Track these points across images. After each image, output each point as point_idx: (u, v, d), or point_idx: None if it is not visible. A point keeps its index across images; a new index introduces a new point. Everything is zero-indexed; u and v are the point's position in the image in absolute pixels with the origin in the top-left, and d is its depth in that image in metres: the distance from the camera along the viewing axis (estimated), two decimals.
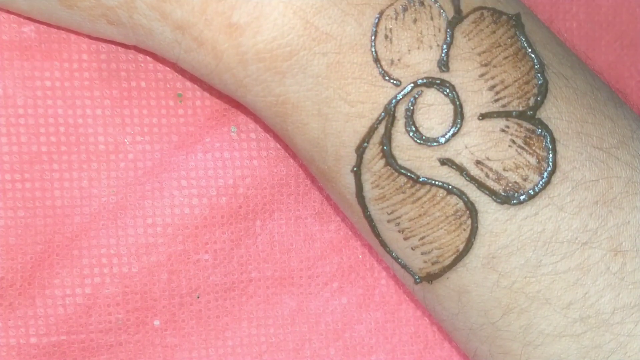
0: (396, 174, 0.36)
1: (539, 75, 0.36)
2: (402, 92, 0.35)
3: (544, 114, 0.36)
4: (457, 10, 0.35)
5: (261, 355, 0.43)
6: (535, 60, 0.36)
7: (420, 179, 0.36)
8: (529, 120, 0.36)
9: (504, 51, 0.36)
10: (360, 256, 0.45)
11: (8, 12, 0.40)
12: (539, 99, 0.36)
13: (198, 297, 0.42)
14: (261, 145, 0.42)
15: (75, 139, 0.41)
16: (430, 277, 0.37)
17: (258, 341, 0.43)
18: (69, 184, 0.41)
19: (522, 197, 0.36)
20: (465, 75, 0.35)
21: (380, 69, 0.35)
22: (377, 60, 0.35)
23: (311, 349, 0.44)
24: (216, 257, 0.42)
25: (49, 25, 0.40)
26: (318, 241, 0.44)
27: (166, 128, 0.42)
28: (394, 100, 0.35)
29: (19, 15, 0.40)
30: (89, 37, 0.41)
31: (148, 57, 0.41)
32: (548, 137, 0.36)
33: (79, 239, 0.41)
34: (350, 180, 0.37)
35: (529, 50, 0.36)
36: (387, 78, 0.35)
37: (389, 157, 0.36)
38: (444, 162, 0.36)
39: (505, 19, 0.36)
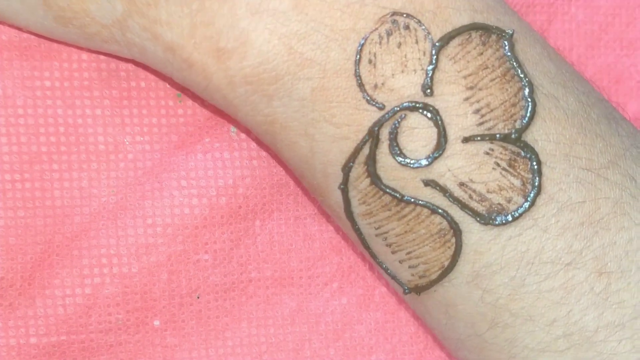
0: (381, 192, 0.36)
1: (527, 97, 0.36)
2: (386, 116, 0.35)
3: (530, 136, 0.36)
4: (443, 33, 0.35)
5: (261, 355, 0.43)
6: (524, 82, 0.36)
7: (405, 198, 0.36)
8: (514, 142, 0.36)
9: (491, 73, 0.35)
10: (361, 256, 0.45)
11: None
12: (524, 122, 0.36)
13: (198, 298, 0.42)
14: (261, 145, 0.43)
15: (75, 139, 0.41)
16: (418, 289, 0.38)
17: (258, 341, 0.43)
18: (68, 184, 0.41)
19: (505, 219, 0.36)
20: (449, 99, 0.35)
21: (364, 93, 0.35)
22: (361, 84, 0.35)
23: (311, 349, 0.44)
24: (216, 257, 0.42)
25: None
26: (317, 241, 0.44)
27: (166, 128, 0.42)
28: (378, 124, 0.35)
29: None
30: None
31: None
32: (534, 160, 0.36)
33: (79, 239, 0.41)
34: (338, 196, 0.37)
35: (518, 71, 0.36)
36: (371, 102, 0.35)
37: (373, 177, 0.36)
38: (428, 183, 0.36)
39: (495, 38, 0.36)
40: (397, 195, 0.36)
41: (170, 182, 0.41)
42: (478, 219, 0.36)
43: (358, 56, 0.35)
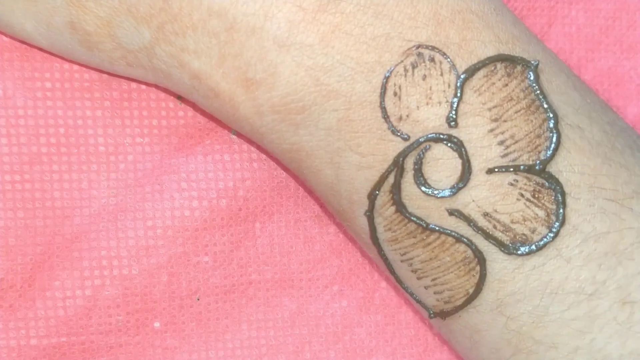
0: (406, 220, 0.36)
1: (552, 128, 0.36)
2: (411, 147, 0.35)
3: (554, 167, 0.36)
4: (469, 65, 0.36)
5: (261, 357, 0.43)
6: (549, 113, 0.36)
7: (430, 226, 0.36)
8: (539, 173, 0.36)
9: (516, 105, 0.36)
10: (360, 259, 0.45)
11: None
12: (549, 153, 0.36)
13: (198, 300, 0.42)
14: (261, 148, 0.42)
15: (75, 140, 0.41)
16: (443, 314, 0.38)
17: (258, 343, 0.43)
18: (68, 185, 0.41)
19: (529, 249, 0.36)
20: (474, 131, 0.35)
21: (389, 124, 0.35)
22: (386, 116, 0.35)
23: (311, 352, 0.44)
24: (216, 259, 0.42)
25: None
26: (318, 244, 0.44)
27: (166, 130, 0.42)
28: (402, 154, 0.35)
29: None
30: None
31: None
32: (558, 191, 0.36)
33: (79, 240, 0.41)
34: (364, 222, 0.38)
35: (543, 102, 0.36)
36: (396, 133, 0.35)
37: (399, 205, 0.36)
38: (452, 212, 0.36)
39: (520, 70, 0.36)
40: (422, 223, 0.36)
41: (171, 184, 0.41)
42: (502, 248, 0.36)
43: (383, 88, 0.35)
